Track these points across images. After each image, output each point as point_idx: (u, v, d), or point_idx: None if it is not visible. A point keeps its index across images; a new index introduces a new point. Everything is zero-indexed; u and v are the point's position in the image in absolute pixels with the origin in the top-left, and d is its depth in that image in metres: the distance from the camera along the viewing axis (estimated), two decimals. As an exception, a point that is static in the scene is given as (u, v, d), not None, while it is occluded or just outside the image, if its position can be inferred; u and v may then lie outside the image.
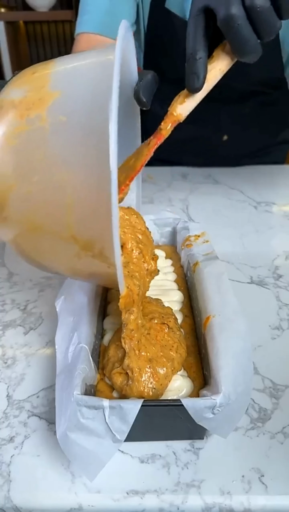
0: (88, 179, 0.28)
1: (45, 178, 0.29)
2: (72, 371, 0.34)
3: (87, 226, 0.29)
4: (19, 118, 0.29)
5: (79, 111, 0.28)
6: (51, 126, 0.29)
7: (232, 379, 0.33)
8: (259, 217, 0.74)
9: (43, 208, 0.30)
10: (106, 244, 0.29)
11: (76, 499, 0.33)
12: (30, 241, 0.33)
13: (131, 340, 0.37)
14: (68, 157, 0.28)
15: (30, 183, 0.29)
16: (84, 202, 0.28)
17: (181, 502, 0.33)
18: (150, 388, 0.36)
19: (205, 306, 0.41)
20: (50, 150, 0.29)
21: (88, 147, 0.27)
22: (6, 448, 0.37)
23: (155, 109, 0.90)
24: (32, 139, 0.29)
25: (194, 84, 0.35)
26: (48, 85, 0.30)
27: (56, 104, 0.29)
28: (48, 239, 0.31)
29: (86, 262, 0.31)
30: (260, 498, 0.33)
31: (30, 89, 0.30)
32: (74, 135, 0.28)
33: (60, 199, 0.29)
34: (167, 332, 0.39)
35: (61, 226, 0.30)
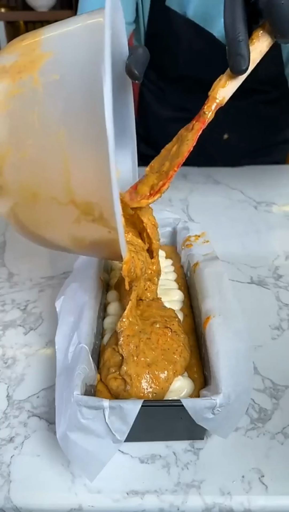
0: (85, 138, 0.27)
1: (41, 140, 0.28)
2: (72, 371, 0.34)
3: (86, 188, 0.29)
4: (12, 82, 0.29)
5: (72, 69, 0.28)
6: (44, 86, 0.28)
7: (232, 380, 0.33)
8: (259, 217, 0.74)
9: (40, 172, 0.29)
10: (107, 205, 0.28)
11: (76, 499, 0.33)
12: (28, 210, 0.32)
13: (128, 345, 0.37)
14: (64, 117, 0.28)
15: (26, 146, 0.29)
16: (83, 162, 0.28)
17: (181, 503, 0.33)
18: (149, 392, 0.35)
19: (205, 306, 0.41)
20: (45, 111, 0.28)
21: (83, 105, 0.27)
22: (6, 448, 0.37)
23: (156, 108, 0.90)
24: (25, 101, 0.29)
25: (240, 66, 0.34)
26: (39, 48, 0.29)
27: (48, 64, 0.28)
28: (47, 205, 0.30)
29: (86, 228, 0.31)
30: (260, 498, 0.33)
31: (22, 53, 0.30)
32: (68, 93, 0.27)
33: (58, 161, 0.28)
34: (170, 336, 0.39)
35: (60, 190, 0.29)
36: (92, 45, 0.27)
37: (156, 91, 0.87)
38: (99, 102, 0.26)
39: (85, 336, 0.37)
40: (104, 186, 0.27)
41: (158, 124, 0.90)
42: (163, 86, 0.85)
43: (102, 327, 0.44)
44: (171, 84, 0.83)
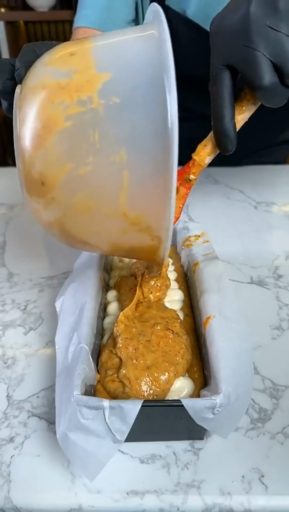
0: (146, 160, 0.28)
1: (100, 159, 0.29)
2: (72, 371, 0.34)
3: (141, 203, 0.30)
4: (69, 100, 0.29)
5: (132, 92, 0.28)
6: (105, 108, 0.28)
7: (232, 380, 0.33)
8: (259, 217, 0.74)
9: (97, 188, 0.30)
10: (158, 218, 0.30)
11: (76, 499, 0.33)
12: (76, 221, 0.32)
13: (127, 348, 0.37)
14: (125, 138, 0.28)
15: (85, 164, 0.29)
16: (141, 183, 0.29)
17: (181, 503, 0.33)
18: (149, 394, 0.35)
19: (205, 306, 0.41)
20: (105, 131, 0.29)
21: (146, 128, 0.28)
22: (6, 448, 0.37)
23: None
24: (86, 121, 0.29)
25: (228, 147, 0.35)
26: (94, 66, 0.29)
27: (106, 85, 0.29)
28: (97, 217, 0.31)
29: (130, 236, 0.32)
30: (260, 498, 0.33)
31: (75, 70, 0.30)
32: (130, 116, 0.28)
33: (115, 179, 0.29)
34: (171, 338, 0.39)
35: (113, 205, 0.30)
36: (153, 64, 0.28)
37: None
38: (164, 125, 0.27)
39: (85, 336, 0.37)
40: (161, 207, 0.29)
41: None
42: None
43: (102, 327, 0.44)
44: None
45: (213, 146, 0.36)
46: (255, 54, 0.30)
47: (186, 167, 0.38)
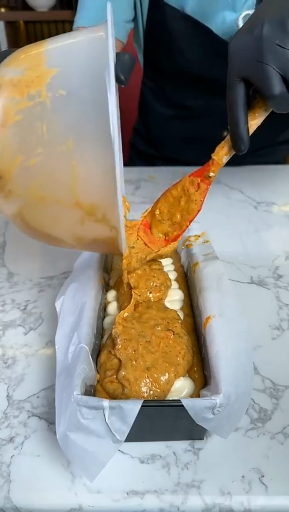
0: (91, 147, 0.30)
1: (49, 149, 0.31)
2: (72, 371, 0.34)
3: (91, 192, 0.31)
4: (20, 95, 0.31)
5: (77, 85, 0.30)
6: (52, 100, 0.30)
7: (232, 380, 0.33)
8: (259, 217, 0.74)
9: (48, 178, 0.32)
10: (110, 207, 0.31)
11: (76, 499, 0.33)
12: (35, 212, 0.34)
13: (126, 349, 0.37)
14: (71, 128, 0.30)
15: (35, 155, 0.31)
16: (88, 169, 0.30)
17: (181, 503, 0.33)
18: (149, 395, 0.35)
19: (205, 306, 0.41)
20: (52, 123, 0.30)
21: (89, 118, 0.30)
22: (6, 448, 0.37)
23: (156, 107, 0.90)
24: (35, 114, 0.31)
25: (241, 148, 0.39)
26: (44, 63, 0.32)
27: (54, 79, 0.31)
28: (53, 208, 0.33)
29: (89, 228, 0.33)
30: (260, 498, 0.33)
31: (27, 68, 0.32)
32: (74, 107, 0.30)
33: (65, 168, 0.31)
34: (172, 338, 0.39)
35: (66, 194, 0.32)
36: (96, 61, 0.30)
37: (156, 89, 0.87)
38: (105, 115, 0.29)
39: (85, 336, 0.37)
40: (109, 191, 0.30)
41: (158, 123, 0.90)
42: (162, 84, 0.85)
43: (102, 327, 0.44)
44: (170, 81, 0.83)
45: (229, 148, 0.41)
46: (266, 68, 0.35)
47: (206, 165, 0.42)
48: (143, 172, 0.87)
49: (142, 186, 0.83)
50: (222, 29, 0.72)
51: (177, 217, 0.44)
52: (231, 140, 0.40)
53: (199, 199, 0.43)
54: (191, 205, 0.43)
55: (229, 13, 0.71)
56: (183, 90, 0.82)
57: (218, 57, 0.75)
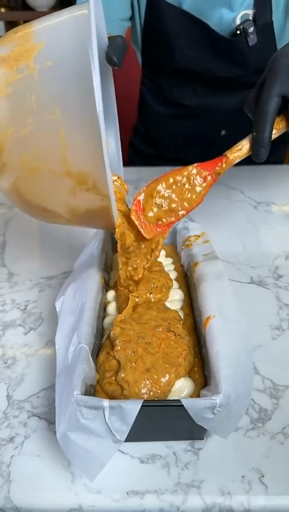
0: (77, 115, 0.31)
1: (38, 119, 0.32)
2: (72, 371, 0.34)
3: (80, 160, 0.33)
4: (9, 70, 0.33)
5: (63, 56, 0.32)
6: (40, 71, 0.32)
7: (232, 380, 0.33)
8: (259, 217, 0.74)
9: (39, 148, 0.33)
10: (99, 175, 0.33)
11: (76, 499, 0.33)
12: (29, 184, 0.35)
13: (125, 351, 0.37)
14: (58, 97, 0.32)
15: (25, 125, 0.33)
16: (76, 137, 0.32)
17: (181, 503, 0.33)
18: (150, 396, 0.35)
19: (205, 306, 0.41)
20: (41, 93, 0.32)
21: (75, 86, 0.31)
22: (6, 448, 0.37)
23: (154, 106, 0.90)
24: (23, 85, 0.33)
25: (261, 156, 0.41)
26: (32, 39, 0.33)
27: (41, 52, 0.32)
28: (46, 178, 0.34)
29: (81, 197, 0.35)
30: (260, 498, 0.33)
31: (16, 44, 0.34)
32: (61, 78, 0.32)
33: (54, 136, 0.32)
34: (174, 340, 0.39)
35: (57, 163, 0.33)
36: (80, 33, 0.31)
37: (154, 88, 0.87)
38: (89, 83, 0.30)
39: (85, 336, 0.37)
40: (96, 157, 0.32)
41: (157, 122, 0.90)
42: (160, 83, 0.85)
43: (102, 327, 0.44)
44: (168, 79, 0.83)
45: (247, 151, 0.42)
46: None
47: (217, 160, 0.42)
48: (143, 172, 0.87)
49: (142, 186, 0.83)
50: (219, 26, 0.72)
51: (174, 204, 0.43)
52: (253, 146, 0.41)
53: (202, 192, 0.42)
54: (193, 196, 0.42)
55: (226, 11, 0.71)
56: (181, 89, 0.82)
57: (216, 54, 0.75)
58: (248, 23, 0.70)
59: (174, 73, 0.81)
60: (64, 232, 0.68)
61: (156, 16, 0.74)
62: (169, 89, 0.85)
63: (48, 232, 0.70)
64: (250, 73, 0.79)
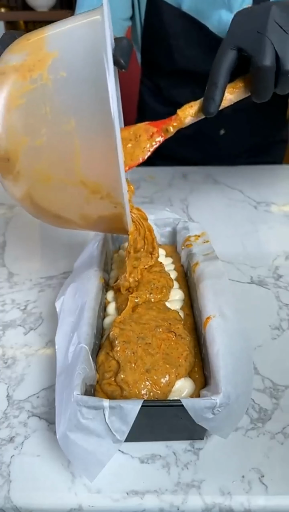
0: (92, 125, 0.31)
1: (52, 129, 0.32)
2: (72, 371, 0.34)
3: (94, 170, 0.33)
4: (23, 80, 0.33)
5: (77, 66, 0.32)
6: (53, 82, 0.32)
7: (232, 379, 0.33)
8: (259, 217, 0.74)
9: (53, 158, 0.33)
10: (113, 185, 0.33)
11: (76, 499, 0.33)
12: (42, 192, 0.36)
13: (125, 352, 0.37)
14: (72, 108, 0.32)
15: (40, 135, 0.33)
16: (91, 147, 0.32)
17: (181, 503, 0.33)
18: (150, 397, 0.35)
19: (205, 306, 0.41)
20: (55, 103, 0.32)
21: (89, 97, 0.31)
22: (6, 448, 0.37)
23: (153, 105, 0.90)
24: (37, 96, 0.32)
25: (210, 109, 0.40)
26: (45, 47, 0.33)
27: (55, 62, 0.32)
28: (60, 187, 0.34)
29: (95, 205, 0.35)
30: (260, 498, 0.33)
31: (29, 53, 0.34)
32: (75, 88, 0.32)
33: (68, 146, 0.32)
34: (174, 340, 0.39)
35: (71, 173, 0.33)
36: (94, 42, 0.31)
37: (153, 88, 0.87)
38: (104, 93, 0.30)
39: (85, 336, 0.37)
40: (111, 168, 0.32)
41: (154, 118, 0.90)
42: (160, 82, 0.85)
43: (102, 327, 0.44)
44: (167, 79, 0.83)
45: (198, 109, 0.41)
46: (265, 40, 0.38)
47: (167, 119, 0.41)
48: (144, 172, 0.87)
49: (142, 186, 0.83)
50: (218, 28, 0.72)
51: None
52: (203, 100, 0.40)
53: (147, 148, 0.41)
54: (137, 151, 0.41)
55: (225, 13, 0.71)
56: (180, 88, 0.83)
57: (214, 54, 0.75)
58: None
59: (173, 73, 0.81)
60: (64, 232, 0.68)
61: (156, 16, 0.74)
62: (167, 88, 0.85)
63: (48, 232, 0.70)
64: None
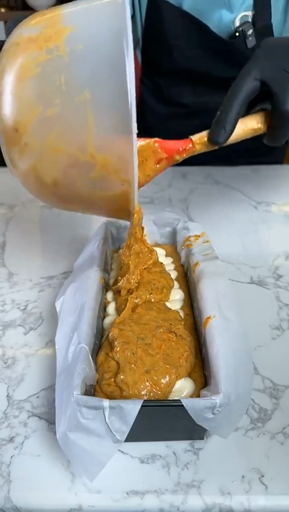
0: (107, 98, 0.31)
1: (66, 100, 0.32)
2: (72, 371, 0.34)
3: (106, 145, 0.33)
4: (39, 50, 0.33)
5: (95, 40, 0.32)
6: (70, 53, 0.32)
7: (232, 379, 0.33)
8: (259, 217, 0.74)
9: (64, 129, 0.33)
10: (124, 160, 0.33)
11: (76, 499, 0.33)
12: (48, 165, 0.35)
13: (124, 352, 0.37)
14: (88, 80, 0.32)
15: (53, 105, 0.32)
16: (104, 120, 0.32)
17: (181, 503, 0.33)
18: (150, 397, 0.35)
19: (205, 306, 0.41)
20: (71, 75, 0.32)
21: (107, 71, 0.31)
22: (6, 448, 0.37)
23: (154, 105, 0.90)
24: (53, 66, 0.32)
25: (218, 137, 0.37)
26: (61, 22, 0.33)
27: (72, 35, 0.32)
28: (68, 160, 0.34)
29: (102, 181, 0.35)
30: (260, 498, 0.33)
31: (45, 26, 0.34)
32: (92, 61, 0.31)
33: (81, 119, 0.32)
34: (175, 341, 0.38)
35: (81, 145, 0.33)
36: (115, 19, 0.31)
37: (153, 87, 0.87)
38: (122, 69, 0.30)
39: (85, 336, 0.37)
40: (124, 142, 0.31)
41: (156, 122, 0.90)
42: (160, 82, 0.85)
43: (102, 327, 0.44)
44: (167, 78, 0.84)
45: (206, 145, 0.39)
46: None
47: (182, 144, 0.39)
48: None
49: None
50: (218, 28, 0.72)
51: None
52: (212, 125, 0.38)
53: (151, 176, 0.40)
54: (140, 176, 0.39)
55: (226, 13, 0.71)
56: (180, 87, 0.83)
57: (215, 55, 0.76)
58: (247, 25, 0.70)
59: (173, 73, 0.81)
60: (64, 232, 0.68)
61: (156, 16, 0.75)
62: (167, 88, 0.85)
63: (48, 232, 0.70)
64: None
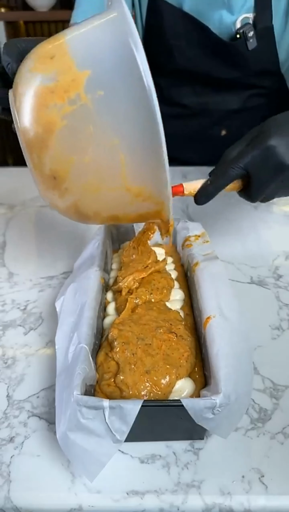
0: (138, 138, 0.33)
1: (98, 148, 0.33)
2: (72, 371, 0.34)
3: (139, 178, 0.35)
4: (61, 101, 0.33)
5: (113, 82, 0.32)
6: (92, 102, 0.32)
7: (232, 379, 0.33)
8: (259, 217, 0.74)
9: (100, 172, 0.35)
10: (156, 189, 0.35)
11: (76, 499, 0.33)
12: (88, 202, 0.37)
13: (124, 353, 0.37)
14: (116, 124, 0.33)
15: (87, 154, 0.34)
16: (136, 158, 0.33)
17: (181, 503, 0.33)
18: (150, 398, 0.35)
19: (205, 306, 0.41)
20: (98, 123, 0.33)
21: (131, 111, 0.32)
22: (6, 448, 0.37)
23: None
24: (80, 116, 0.33)
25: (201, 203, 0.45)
26: (73, 65, 0.33)
27: (89, 81, 0.32)
28: (106, 196, 0.36)
29: (137, 206, 0.37)
30: (260, 498, 0.33)
31: (58, 72, 0.33)
32: (116, 105, 0.32)
33: (114, 160, 0.34)
34: (175, 341, 0.38)
35: (117, 182, 0.35)
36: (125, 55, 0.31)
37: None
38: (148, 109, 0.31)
39: (85, 336, 0.37)
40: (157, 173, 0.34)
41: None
42: (160, 82, 0.85)
43: (102, 327, 0.44)
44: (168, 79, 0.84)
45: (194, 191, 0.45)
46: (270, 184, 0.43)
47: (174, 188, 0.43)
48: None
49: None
50: (219, 29, 0.72)
51: None
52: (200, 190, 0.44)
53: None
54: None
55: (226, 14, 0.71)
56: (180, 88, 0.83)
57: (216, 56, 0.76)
58: (247, 27, 0.70)
59: (174, 73, 0.81)
60: (64, 232, 0.68)
61: (157, 17, 0.75)
62: (168, 88, 0.85)
63: (48, 232, 0.70)
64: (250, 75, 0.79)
